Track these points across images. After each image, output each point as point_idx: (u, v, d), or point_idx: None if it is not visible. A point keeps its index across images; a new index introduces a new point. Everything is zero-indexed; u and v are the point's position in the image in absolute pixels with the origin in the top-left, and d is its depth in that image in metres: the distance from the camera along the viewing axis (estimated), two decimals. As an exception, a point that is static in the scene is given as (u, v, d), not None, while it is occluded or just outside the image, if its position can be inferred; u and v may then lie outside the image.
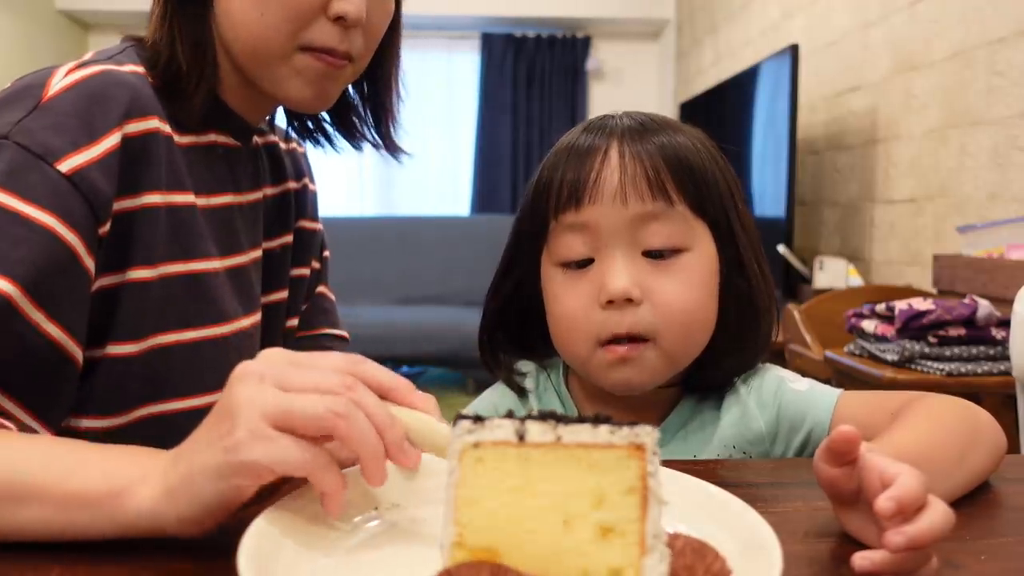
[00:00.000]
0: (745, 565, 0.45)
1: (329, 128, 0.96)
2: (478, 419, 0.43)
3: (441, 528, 0.43)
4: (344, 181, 5.78)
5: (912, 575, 0.48)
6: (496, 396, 0.85)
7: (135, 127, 0.74)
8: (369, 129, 0.95)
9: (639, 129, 0.75)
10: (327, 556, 0.50)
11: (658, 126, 0.76)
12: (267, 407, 0.47)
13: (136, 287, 0.75)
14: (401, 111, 0.95)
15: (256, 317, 0.89)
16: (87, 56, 0.79)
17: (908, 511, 0.46)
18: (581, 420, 0.42)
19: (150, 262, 0.76)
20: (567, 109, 5.74)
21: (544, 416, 0.43)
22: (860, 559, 0.47)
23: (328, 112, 0.94)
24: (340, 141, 0.97)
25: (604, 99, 5.73)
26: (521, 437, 0.42)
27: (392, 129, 0.96)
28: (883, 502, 0.46)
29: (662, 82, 5.63)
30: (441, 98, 5.83)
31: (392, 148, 0.96)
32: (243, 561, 0.43)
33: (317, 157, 1.05)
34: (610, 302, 0.70)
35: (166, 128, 0.78)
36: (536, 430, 0.42)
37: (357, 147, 0.97)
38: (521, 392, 0.83)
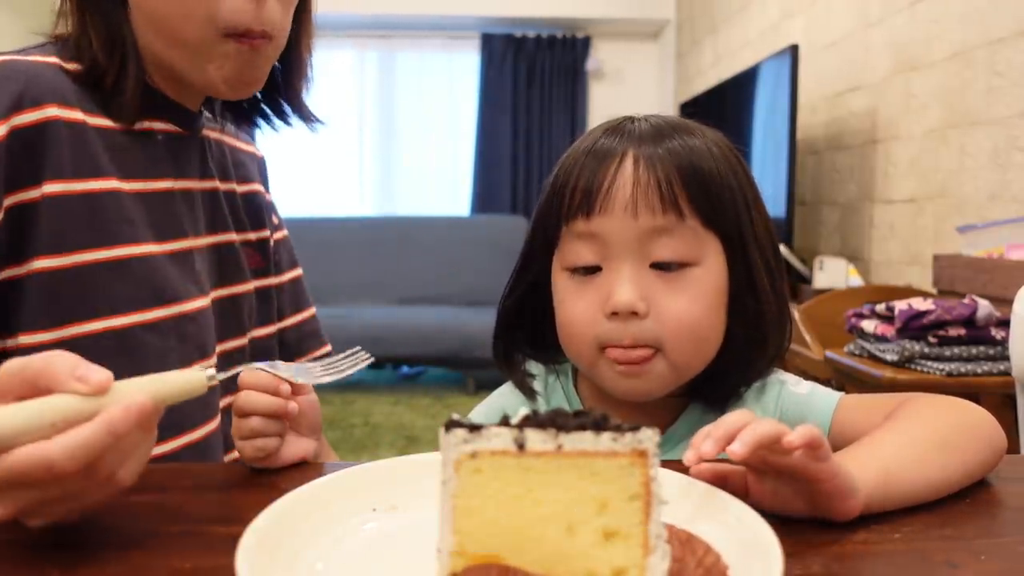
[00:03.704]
0: (745, 565, 0.45)
1: (264, 107, 0.96)
2: (473, 428, 0.42)
3: (438, 535, 0.43)
4: (344, 181, 5.79)
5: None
6: (504, 400, 0.84)
7: (26, 118, 0.74)
8: (286, 103, 0.95)
9: (656, 136, 0.73)
10: (325, 557, 0.50)
11: (676, 133, 0.74)
12: None
13: (42, 277, 0.75)
14: (312, 78, 0.95)
15: (203, 302, 0.88)
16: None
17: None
18: (581, 424, 0.42)
19: (60, 251, 0.76)
20: (567, 109, 5.74)
21: (543, 423, 0.42)
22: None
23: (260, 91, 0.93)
24: (275, 120, 0.96)
25: (604, 99, 5.73)
26: (521, 446, 0.42)
27: (305, 95, 0.95)
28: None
29: (662, 82, 5.63)
30: (441, 98, 5.83)
31: (307, 116, 0.96)
32: (242, 561, 0.43)
33: (318, 158, 1.04)
34: (615, 313, 0.71)
35: (72, 115, 0.77)
36: (536, 439, 0.42)
37: (288, 123, 0.97)
38: (531, 394, 0.82)
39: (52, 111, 0.76)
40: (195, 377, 0.56)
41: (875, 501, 0.57)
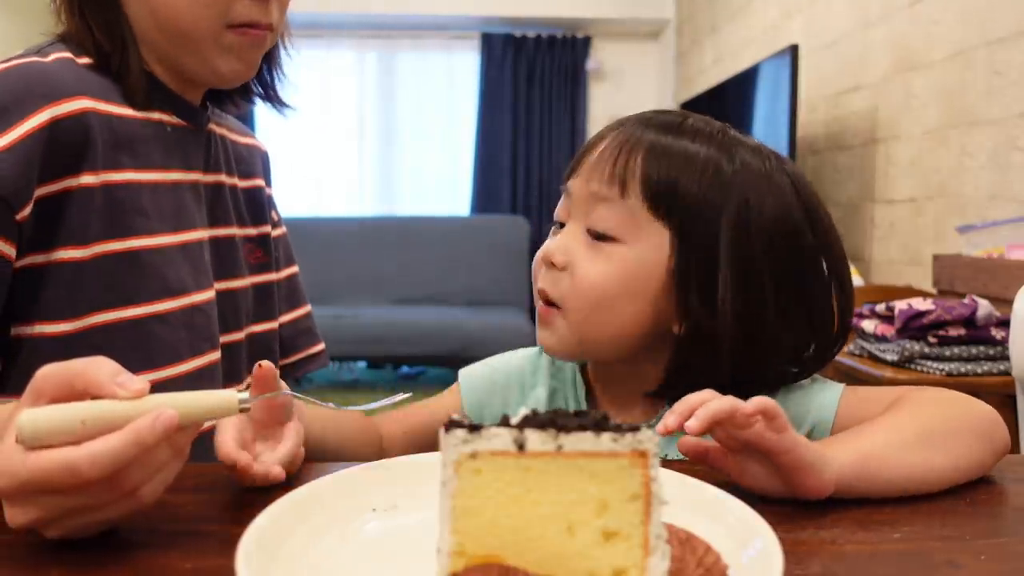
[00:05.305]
0: (745, 565, 0.45)
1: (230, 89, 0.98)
2: (473, 428, 0.42)
3: (438, 535, 0.43)
4: (344, 181, 5.78)
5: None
6: (533, 353, 0.88)
7: (64, 108, 0.76)
8: (257, 85, 0.98)
9: (661, 125, 0.75)
10: (325, 557, 0.50)
11: (683, 133, 0.75)
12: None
13: (67, 267, 0.76)
14: (287, 66, 0.99)
15: (210, 294, 0.89)
16: (17, 53, 0.80)
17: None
18: (582, 424, 0.42)
19: (83, 242, 0.77)
20: (567, 109, 5.73)
21: (543, 423, 0.42)
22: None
23: None
24: (237, 99, 0.99)
25: (604, 99, 5.72)
26: (521, 447, 0.42)
27: (279, 83, 0.99)
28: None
29: (662, 82, 5.63)
30: (441, 98, 5.83)
31: (278, 101, 0.99)
32: (242, 562, 0.43)
33: (318, 158, 1.06)
34: (547, 262, 0.76)
35: (102, 107, 0.79)
36: (536, 439, 0.42)
37: (250, 102, 0.99)
38: None
39: (85, 102, 0.78)
40: (228, 398, 0.56)
41: (849, 482, 0.58)
